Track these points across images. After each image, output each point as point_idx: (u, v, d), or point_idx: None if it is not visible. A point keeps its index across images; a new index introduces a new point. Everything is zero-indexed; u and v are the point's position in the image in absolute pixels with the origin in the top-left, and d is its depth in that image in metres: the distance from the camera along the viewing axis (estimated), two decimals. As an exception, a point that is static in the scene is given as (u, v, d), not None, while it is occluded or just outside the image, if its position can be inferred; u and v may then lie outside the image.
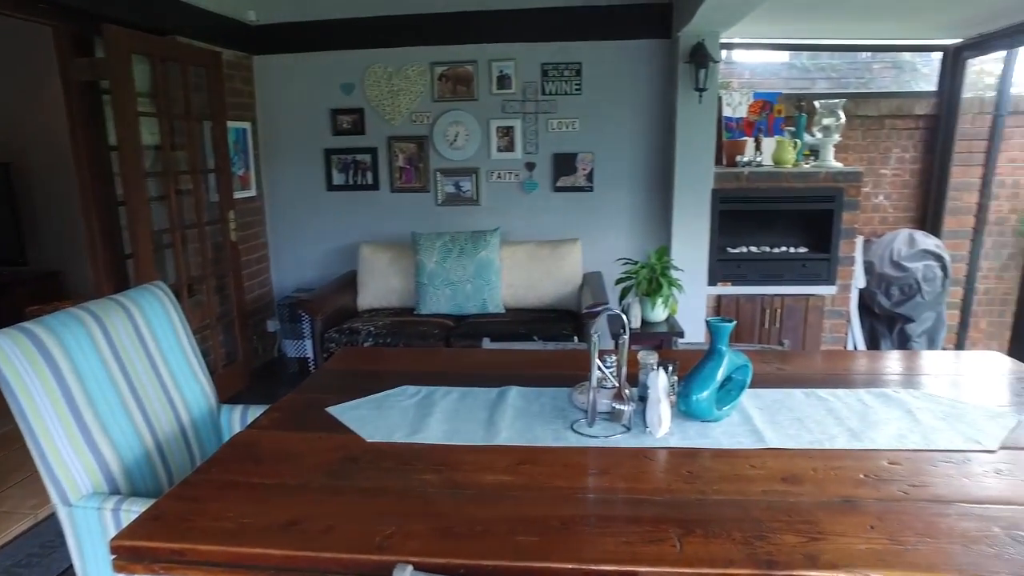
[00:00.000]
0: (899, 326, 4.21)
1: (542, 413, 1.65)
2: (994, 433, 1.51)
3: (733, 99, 4.22)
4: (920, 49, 4.74)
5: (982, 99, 4.48)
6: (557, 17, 4.10)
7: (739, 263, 4.03)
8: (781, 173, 3.93)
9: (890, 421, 1.56)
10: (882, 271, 4.14)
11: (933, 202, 4.53)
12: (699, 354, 1.68)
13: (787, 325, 4.03)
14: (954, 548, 1.11)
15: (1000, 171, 4.46)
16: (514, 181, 4.35)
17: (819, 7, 3.65)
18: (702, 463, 1.41)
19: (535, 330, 3.58)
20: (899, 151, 4.59)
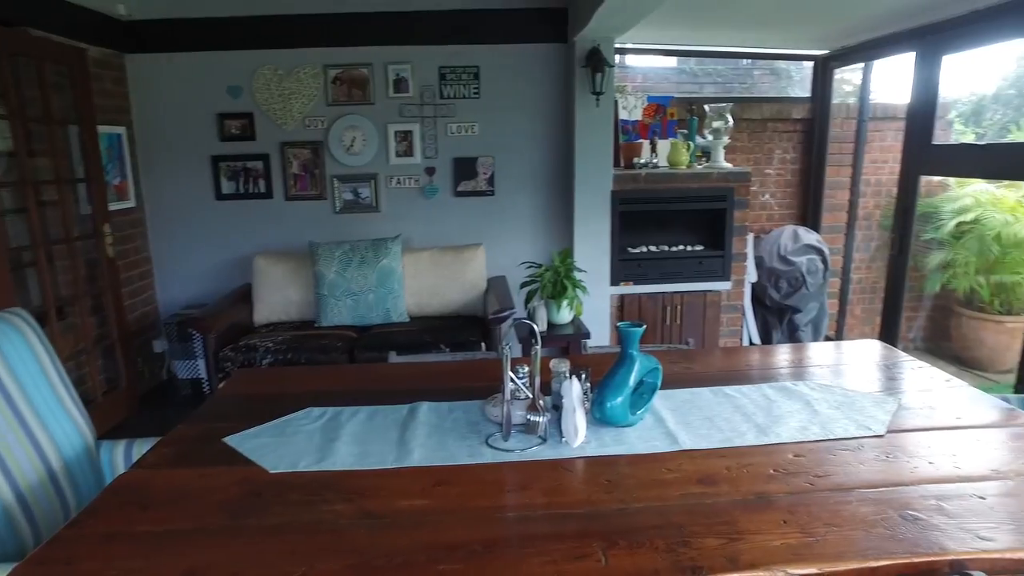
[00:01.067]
0: (788, 317, 4.47)
1: (455, 429, 1.60)
2: (881, 418, 1.60)
3: (628, 103, 4.33)
4: (794, 58, 5.06)
5: (848, 105, 4.84)
6: (453, 20, 4.06)
7: (640, 262, 4.14)
8: (676, 174, 4.07)
9: (792, 414, 1.63)
10: (771, 266, 4.39)
11: (812, 200, 4.85)
12: (608, 358, 1.69)
13: (687, 321, 4.18)
14: (857, 535, 1.16)
15: (866, 171, 4.84)
16: (414, 187, 4.27)
17: (704, 16, 3.81)
18: (620, 470, 1.40)
19: (441, 338, 3.52)
20: (781, 152, 4.87)
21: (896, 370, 1.99)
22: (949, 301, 4.97)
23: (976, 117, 8.29)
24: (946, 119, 5.08)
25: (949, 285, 4.80)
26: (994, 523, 1.19)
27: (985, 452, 1.45)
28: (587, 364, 1.80)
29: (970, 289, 4.69)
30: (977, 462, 1.41)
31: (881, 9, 3.57)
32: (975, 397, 1.76)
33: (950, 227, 4.69)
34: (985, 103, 8.80)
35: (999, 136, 5.46)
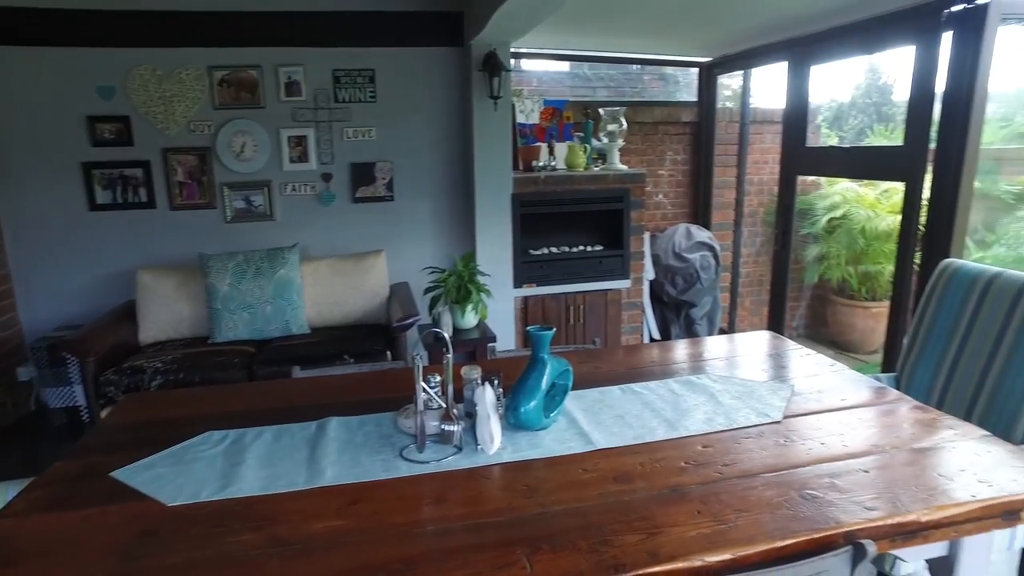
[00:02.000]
0: (684, 311, 4.68)
1: (368, 443, 1.55)
2: (777, 405, 1.70)
3: (526, 106, 4.38)
4: (681, 64, 5.31)
5: (731, 109, 5.13)
6: (346, 21, 3.95)
7: (542, 264, 4.20)
8: (574, 176, 4.16)
9: (698, 407, 1.70)
10: (667, 263, 4.57)
11: (702, 199, 5.10)
12: (517, 361, 1.70)
13: (590, 320, 4.28)
14: (764, 518, 1.22)
15: (749, 171, 5.15)
16: (310, 193, 4.12)
17: (595, 23, 3.92)
18: (537, 474, 1.41)
19: (345, 349, 3.41)
20: (672, 154, 5.10)
21: (786, 358, 2.12)
22: (825, 290, 5.38)
23: (838, 122, 9.05)
24: (815, 123, 5.50)
25: (825, 276, 5.20)
26: (876, 493, 1.29)
27: (866, 429, 1.57)
28: (497, 369, 1.80)
29: (842, 279, 5.10)
30: (860, 439, 1.52)
31: (755, 22, 3.81)
32: (854, 379, 1.91)
33: (823, 223, 5.08)
34: (844, 109, 9.61)
35: (857, 140, 5.97)
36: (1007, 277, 2.01)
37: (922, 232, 3.17)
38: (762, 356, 2.15)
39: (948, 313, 2.15)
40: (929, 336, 2.20)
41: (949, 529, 1.26)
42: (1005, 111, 7.97)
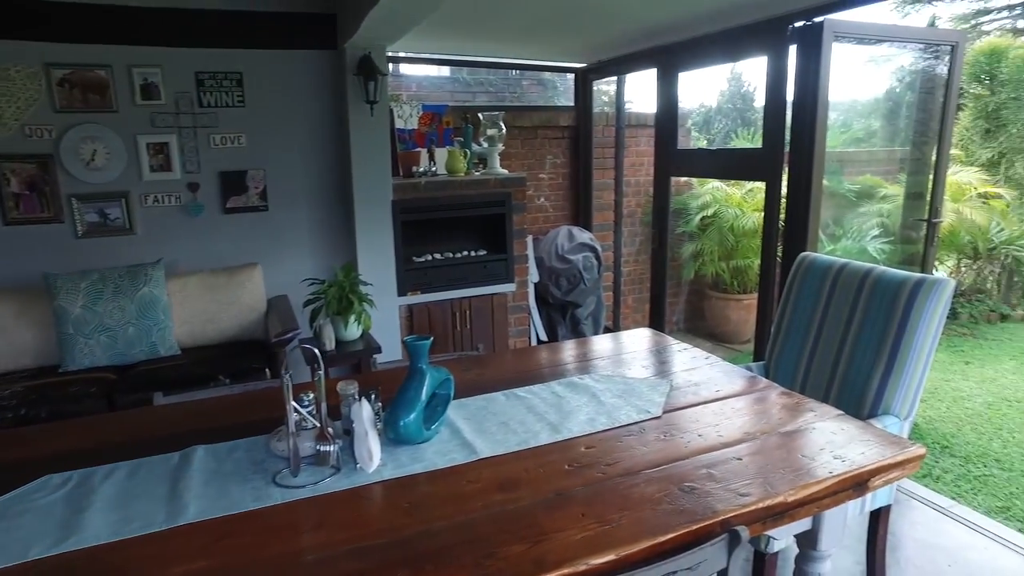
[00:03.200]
0: (570, 312, 4.77)
1: (238, 471, 1.44)
2: (657, 400, 1.75)
3: (404, 111, 4.31)
4: (557, 70, 5.42)
5: (607, 114, 5.30)
6: (210, 21, 3.71)
7: (426, 271, 4.14)
8: (455, 181, 4.13)
9: (581, 408, 1.71)
10: (551, 265, 4.65)
11: (583, 201, 5.23)
12: (401, 372, 1.64)
13: (477, 325, 4.26)
14: (646, 514, 1.24)
15: (626, 173, 5.34)
16: (175, 204, 3.83)
17: (472, 28, 3.92)
18: (420, 490, 1.36)
19: (220, 368, 3.20)
20: (552, 158, 5.19)
21: (666, 354, 2.19)
22: (702, 285, 5.68)
23: (707, 125, 9.65)
24: (685, 127, 5.80)
25: (700, 271, 5.48)
26: (749, 479, 1.35)
27: (739, 418, 1.65)
28: (378, 382, 1.74)
29: (715, 274, 5.41)
30: (733, 428, 1.59)
31: (625, 30, 3.96)
32: (728, 370, 2.00)
33: (696, 221, 5.36)
34: (712, 114, 10.25)
35: (724, 142, 6.35)
36: (852, 268, 2.19)
37: (782, 228, 3.40)
38: (643, 353, 2.22)
39: (806, 303, 2.31)
40: (791, 325, 2.35)
41: (812, 505, 1.33)
42: (845, 118, 8.80)
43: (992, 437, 3.74)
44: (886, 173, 5.95)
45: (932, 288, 1.91)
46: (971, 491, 3.17)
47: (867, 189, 6.00)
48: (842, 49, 3.54)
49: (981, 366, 4.98)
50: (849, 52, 17.91)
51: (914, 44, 3.49)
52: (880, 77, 13.11)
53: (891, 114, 7.78)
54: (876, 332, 2.01)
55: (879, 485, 1.41)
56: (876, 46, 4.34)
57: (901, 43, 3.44)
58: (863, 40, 3.25)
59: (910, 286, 1.96)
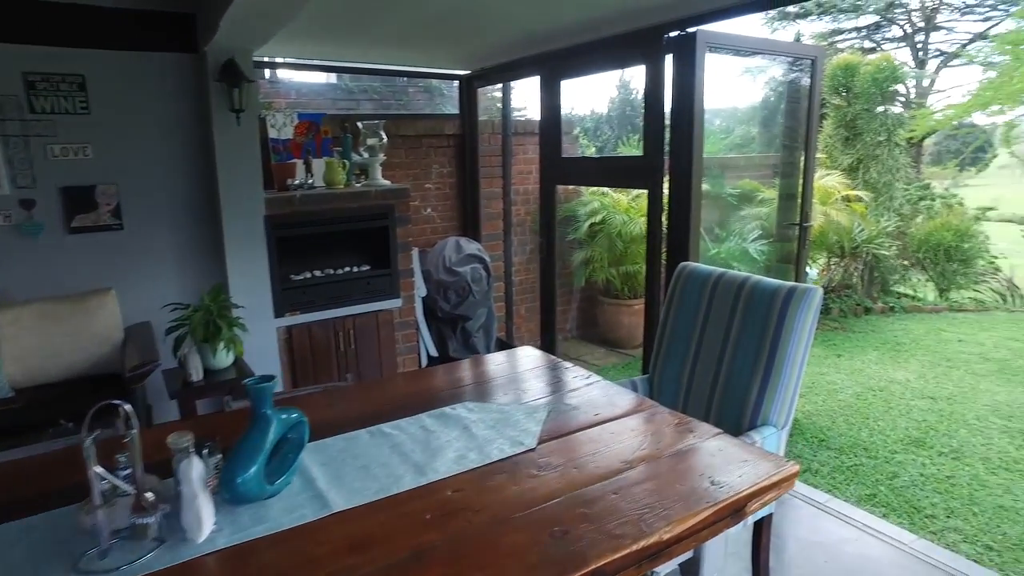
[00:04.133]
0: (460, 325, 4.64)
1: (32, 557, 1.20)
2: (532, 430, 1.64)
3: (277, 120, 4.03)
4: (441, 77, 5.30)
5: (493, 122, 5.23)
6: (43, 14, 3.30)
7: (305, 289, 3.89)
8: (334, 194, 3.90)
9: (450, 443, 1.58)
10: (439, 278, 4.50)
11: (471, 211, 5.12)
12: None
13: (362, 344, 4.05)
14: (512, 571, 1.12)
15: (514, 181, 5.28)
16: (6, 224, 3.38)
17: (349, 33, 3.72)
18: (261, 558, 1.18)
19: (62, 411, 2.83)
20: (438, 167, 5.05)
21: (547, 375, 2.10)
22: (593, 292, 5.72)
23: (596, 133, 9.84)
24: (572, 135, 5.83)
25: (591, 278, 5.50)
26: (624, 518, 1.26)
27: (617, 444, 1.57)
28: (226, 426, 1.53)
29: (606, 280, 5.45)
30: (611, 457, 1.51)
31: (506, 36, 3.89)
32: (609, 391, 1.93)
33: (585, 228, 5.38)
34: (603, 121, 10.47)
35: (612, 150, 6.45)
36: (729, 277, 2.19)
37: (665, 234, 3.42)
38: (523, 375, 2.12)
39: (687, 314, 2.29)
40: (673, 337, 2.33)
41: (690, 540, 1.27)
42: (726, 125, 9.21)
43: (861, 427, 3.94)
44: (763, 177, 6.24)
45: (802, 297, 1.93)
46: (845, 482, 3.31)
47: (747, 193, 6.26)
48: (718, 59, 3.63)
49: (850, 358, 5.29)
50: (727, 63, 18.72)
51: (780, 57, 3.64)
52: (756, 87, 13.94)
53: (767, 122, 8.23)
54: (753, 343, 2.02)
55: (756, 508, 1.37)
56: (752, 58, 4.50)
57: (768, 55, 3.58)
58: (734, 51, 3.34)
59: (782, 295, 1.97)
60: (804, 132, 3.71)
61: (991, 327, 6.33)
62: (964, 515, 3.01)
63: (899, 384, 4.66)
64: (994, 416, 4.08)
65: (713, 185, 6.15)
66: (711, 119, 18.55)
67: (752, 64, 10.61)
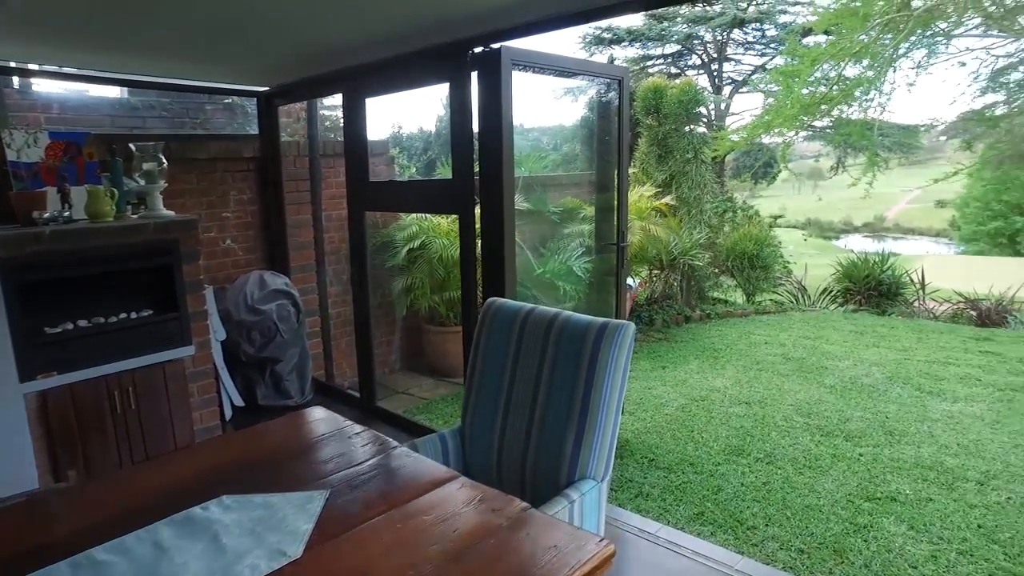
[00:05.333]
0: (269, 368, 4.14)
1: None
2: (301, 530, 1.31)
3: (15, 140, 3.32)
4: (237, 93, 4.76)
5: (299, 143, 4.79)
6: None
7: (65, 344, 3.21)
8: (99, 229, 3.27)
9: (188, 566, 1.20)
10: (240, 318, 3.97)
11: (277, 241, 4.63)
12: None
13: (147, 403, 3.44)
14: None
15: (326, 207, 4.86)
16: None
17: (112, 38, 3.15)
18: None
19: None
20: (236, 193, 4.51)
21: (333, 446, 1.77)
22: (418, 320, 5.42)
23: (424, 153, 9.60)
24: (386, 156, 5.52)
25: (414, 306, 5.21)
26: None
27: (401, 547, 1.28)
28: None
29: (430, 307, 5.18)
30: (389, 567, 1.22)
31: (298, 49, 3.51)
32: (402, 461, 1.65)
33: (404, 254, 5.08)
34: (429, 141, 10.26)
35: (429, 172, 6.22)
36: (539, 314, 2.00)
37: (480, 260, 3.23)
38: (303, 449, 1.77)
39: (496, 356, 2.07)
40: (484, 382, 2.10)
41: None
42: (547, 143, 9.39)
43: (687, 441, 4.00)
44: (587, 195, 6.34)
45: (614, 335, 1.78)
46: (675, 502, 3.29)
47: (570, 210, 6.32)
48: (539, 79, 3.52)
49: (674, 369, 5.46)
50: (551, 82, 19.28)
51: (590, 77, 3.61)
52: (578, 106, 14.53)
53: (588, 140, 8.48)
54: (565, 388, 1.83)
55: (566, 605, 1.14)
56: (574, 79, 4.47)
57: (575, 74, 3.53)
58: (539, 69, 3.23)
59: (593, 334, 1.81)
60: (616, 151, 3.71)
61: (789, 327, 6.91)
62: (779, 521, 3.09)
63: (718, 392, 4.85)
64: (797, 415, 4.35)
65: (536, 204, 6.14)
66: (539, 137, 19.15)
67: (573, 84, 11.00)
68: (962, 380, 5.06)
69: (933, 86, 21.25)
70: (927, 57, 12.47)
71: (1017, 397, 4.70)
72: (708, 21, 20.36)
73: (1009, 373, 5.27)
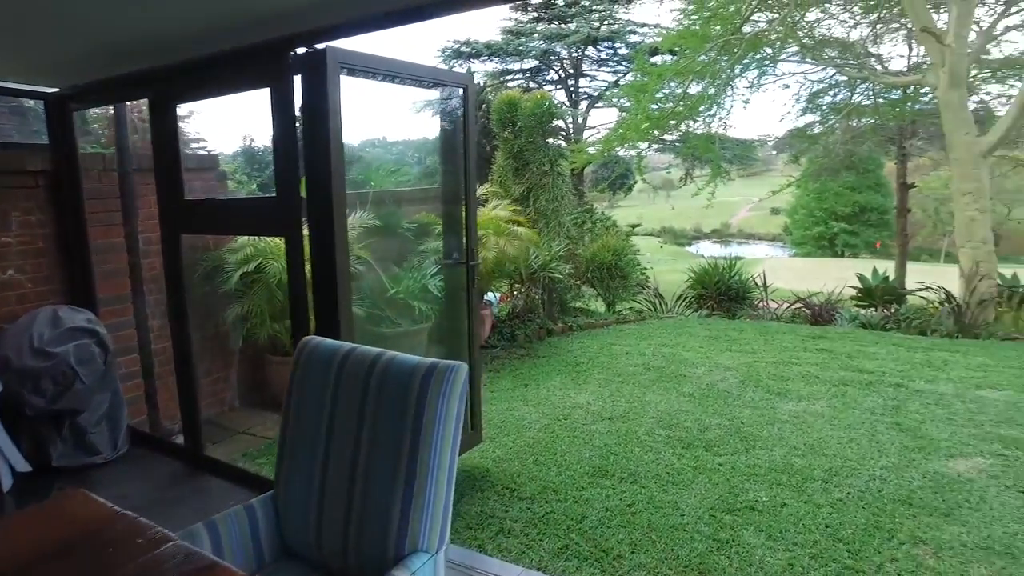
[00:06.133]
0: (68, 422, 3.49)
1: None
2: None
3: None
4: (18, 94, 4.03)
5: (105, 156, 4.14)
6: None
7: None
8: None
9: None
10: (23, 365, 3.30)
11: (79, 269, 3.95)
12: None
13: None
14: None
15: (143, 228, 4.23)
16: None
17: None
18: None
19: None
20: (22, 214, 3.80)
21: (76, 562, 1.36)
22: (259, 351, 4.89)
23: (259, 168, 8.92)
24: (219, 170, 4.96)
25: (252, 336, 4.69)
26: None
27: None
28: None
29: (271, 336, 4.69)
30: None
31: (88, 43, 2.96)
32: (179, 560, 1.28)
33: (236, 279, 4.55)
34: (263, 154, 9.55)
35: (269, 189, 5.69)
36: (359, 355, 1.70)
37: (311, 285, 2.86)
38: (38, 565, 1.35)
39: (312, 406, 1.74)
40: (300, 437, 1.76)
41: None
42: (398, 157, 9.05)
43: (550, 465, 3.83)
44: (441, 210, 6.08)
45: (443, 379, 1.52)
46: (539, 536, 3.08)
47: (424, 227, 6.05)
48: (397, 89, 3.20)
49: (537, 387, 5.32)
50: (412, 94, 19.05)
51: (427, 84, 3.35)
52: (438, 118, 14.29)
53: (448, 153, 8.25)
54: (390, 445, 1.54)
55: None
56: (434, 90, 4.17)
57: (415, 81, 3.26)
58: (373, 74, 2.93)
59: (420, 378, 1.54)
60: (463, 165, 3.48)
61: (649, 335, 7.04)
62: (645, 546, 2.97)
63: (581, 408, 4.75)
64: (659, 428, 4.33)
65: (389, 220, 5.81)
66: (404, 151, 18.67)
67: (433, 96, 10.74)
68: (804, 379, 5.33)
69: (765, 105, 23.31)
70: (758, 78, 13.58)
71: (848, 391, 5.00)
72: (563, 38, 20.99)
73: (840, 368, 5.63)
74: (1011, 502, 3.30)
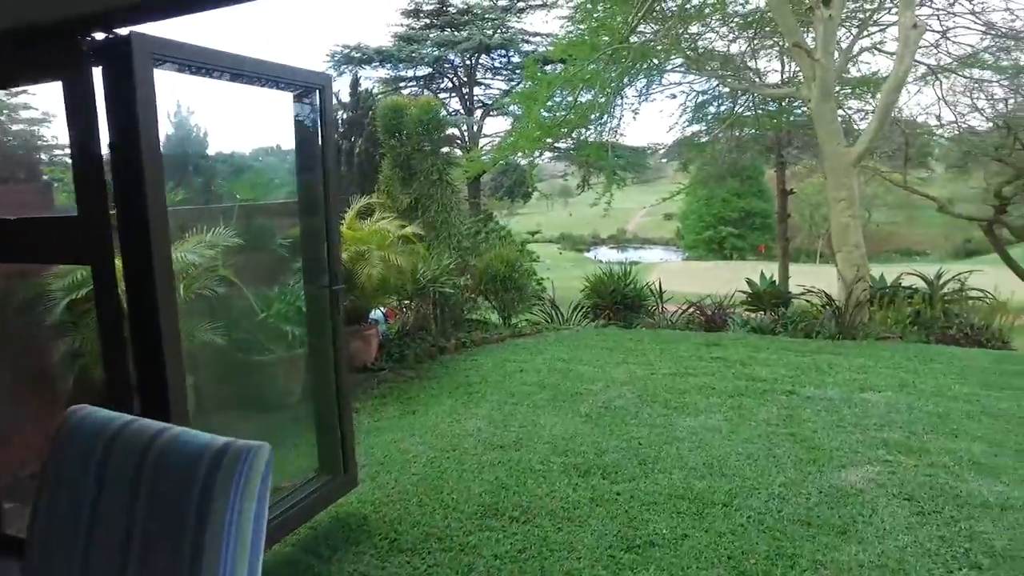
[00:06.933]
0: None
1: None
2: None
3: None
4: None
5: None
6: None
7: None
8: None
9: None
10: None
11: None
12: None
13: None
14: None
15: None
16: None
17: None
18: None
19: None
20: None
21: None
22: (95, 392, 4.20)
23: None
24: (44, 181, 4.25)
25: (86, 374, 4.01)
26: None
27: None
28: None
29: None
30: None
31: None
32: None
33: (63, 308, 3.87)
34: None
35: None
36: (133, 432, 1.26)
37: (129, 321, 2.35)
38: None
39: (70, 503, 1.28)
40: (51, 545, 1.29)
41: None
42: (273, 167, 8.43)
43: (435, 506, 3.45)
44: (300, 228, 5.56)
45: (234, 470, 1.11)
46: (418, 598, 2.70)
47: (299, 243, 5.51)
48: (216, 83, 2.73)
49: (425, 413, 4.93)
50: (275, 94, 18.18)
51: (271, 82, 2.89)
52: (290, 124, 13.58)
53: (306, 164, 7.70)
54: (163, 565, 1.12)
55: None
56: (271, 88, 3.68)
57: (257, 80, 2.79)
58: (197, 68, 2.46)
59: (204, 470, 1.13)
60: (322, 177, 3.05)
61: (544, 349, 6.80)
62: (538, 599, 2.66)
63: (472, 436, 4.40)
64: (555, 455, 4.05)
65: (259, 236, 5.25)
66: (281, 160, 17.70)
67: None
68: (700, 391, 5.23)
69: (654, 115, 24.10)
70: (646, 87, 13.85)
71: (744, 403, 4.94)
72: (456, 45, 20.73)
73: (735, 378, 5.60)
74: (899, 512, 3.26)
